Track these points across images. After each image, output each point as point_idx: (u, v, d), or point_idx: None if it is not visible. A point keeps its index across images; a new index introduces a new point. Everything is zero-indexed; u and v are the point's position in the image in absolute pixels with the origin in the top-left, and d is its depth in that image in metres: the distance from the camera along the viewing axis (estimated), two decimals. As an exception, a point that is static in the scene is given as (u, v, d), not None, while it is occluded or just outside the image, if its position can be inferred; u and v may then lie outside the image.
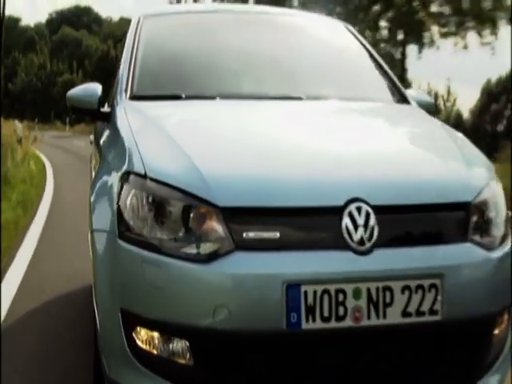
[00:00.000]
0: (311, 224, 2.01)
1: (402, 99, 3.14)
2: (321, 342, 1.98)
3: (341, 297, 1.95)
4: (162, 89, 2.94)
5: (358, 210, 2.01)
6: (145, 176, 2.11)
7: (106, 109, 3.06)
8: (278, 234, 1.98)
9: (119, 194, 2.15)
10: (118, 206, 2.13)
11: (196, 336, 1.98)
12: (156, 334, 2.04)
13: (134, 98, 2.86)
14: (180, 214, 2.02)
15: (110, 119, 2.91)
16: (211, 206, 2.00)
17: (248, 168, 2.13)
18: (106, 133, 2.97)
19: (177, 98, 2.82)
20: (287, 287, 1.93)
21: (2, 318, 3.73)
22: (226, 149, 2.27)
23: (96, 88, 2.96)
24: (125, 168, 2.21)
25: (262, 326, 1.94)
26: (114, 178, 2.29)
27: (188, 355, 2.01)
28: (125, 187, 2.14)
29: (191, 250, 1.99)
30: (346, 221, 2.00)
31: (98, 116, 3.04)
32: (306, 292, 1.94)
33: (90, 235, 2.35)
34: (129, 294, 2.06)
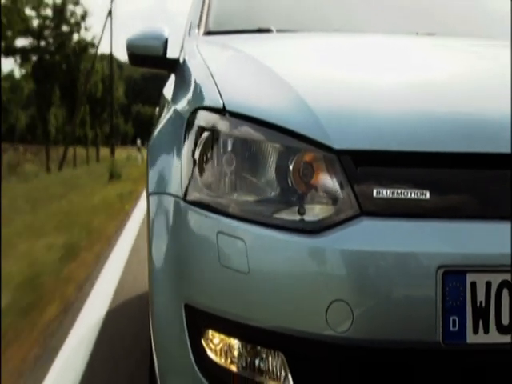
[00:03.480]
0: (477, 180, 1.29)
1: None
2: (496, 367, 1.25)
3: None
4: (245, 22, 2.28)
5: None
6: (222, 111, 1.44)
7: (173, 56, 2.41)
8: (427, 194, 1.27)
9: (186, 140, 1.50)
10: (185, 157, 1.48)
11: (298, 348, 1.30)
12: (236, 343, 1.37)
13: (209, 33, 2.21)
14: (274, 163, 1.35)
15: (177, 67, 2.28)
16: (323, 150, 1.31)
17: (376, 99, 1.43)
18: (173, 84, 2.33)
19: (265, 31, 2.16)
20: (444, 275, 1.22)
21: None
22: (343, 80, 1.56)
23: (161, 30, 2.31)
24: (194, 105, 1.56)
25: (400, 335, 1.23)
26: (178, 122, 1.64)
27: (284, 375, 1.33)
28: (193, 130, 1.49)
29: (291, 215, 1.31)
30: None
31: (163, 64, 2.37)
32: (473, 284, 1.22)
33: (147, 200, 1.69)
34: (197, 282, 1.39)
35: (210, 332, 1.39)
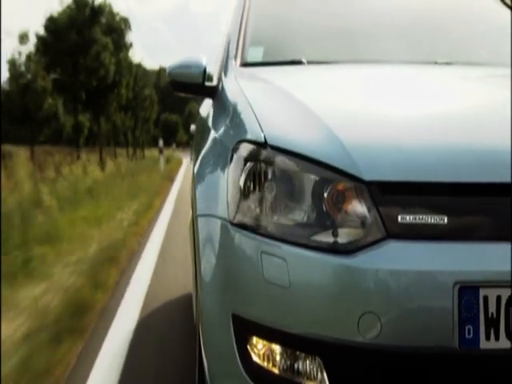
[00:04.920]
0: (489, 206, 1.48)
1: None
2: (506, 369, 1.44)
3: None
4: (279, 54, 2.49)
5: None
6: (264, 144, 1.64)
7: (211, 83, 2.63)
8: (445, 219, 1.46)
9: (231, 169, 1.70)
10: (230, 185, 1.68)
11: (333, 352, 1.49)
12: (278, 348, 1.57)
13: (245, 65, 2.42)
14: (310, 191, 1.55)
15: (216, 94, 2.49)
16: (354, 181, 1.50)
17: (400, 134, 1.62)
18: (212, 110, 2.54)
19: (297, 63, 2.36)
20: (461, 290, 1.41)
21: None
22: (370, 113, 1.75)
23: (200, 60, 2.53)
24: (237, 137, 1.76)
25: (423, 342, 1.42)
26: (223, 152, 1.84)
27: (321, 377, 1.52)
28: (238, 160, 1.68)
29: (326, 237, 1.50)
30: None
31: (202, 91, 2.59)
32: (486, 297, 1.41)
33: (193, 222, 1.90)
34: (243, 295, 1.59)
35: (255, 338, 1.59)
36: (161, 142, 22.17)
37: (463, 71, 2.34)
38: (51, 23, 26.97)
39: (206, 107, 2.84)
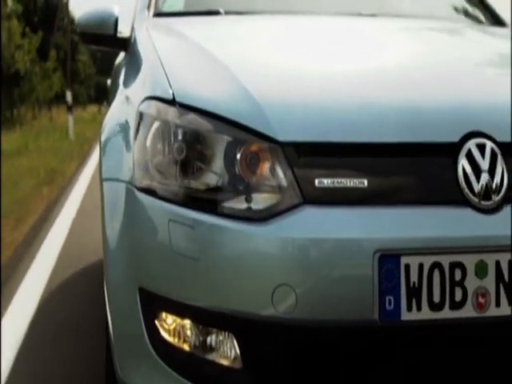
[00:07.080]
0: (413, 168, 1.38)
1: (495, 21, 2.50)
2: (428, 341, 1.36)
3: (458, 274, 1.32)
4: (195, 4, 2.32)
5: (480, 148, 1.38)
6: (172, 101, 1.49)
7: (124, 35, 2.43)
8: (365, 182, 1.35)
9: (137, 129, 1.55)
10: (136, 146, 1.53)
11: (246, 328, 1.38)
12: (188, 323, 1.44)
13: (159, 15, 2.24)
14: (222, 153, 1.41)
15: (128, 47, 2.30)
16: (268, 141, 1.38)
17: (318, 91, 1.50)
18: (124, 64, 2.36)
19: (213, 14, 2.20)
20: (381, 258, 1.31)
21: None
22: (287, 68, 1.63)
23: (111, 9, 2.33)
24: (144, 93, 1.60)
25: (341, 315, 1.32)
26: (130, 110, 1.68)
27: (233, 354, 1.41)
28: (144, 119, 1.53)
29: (239, 204, 1.38)
30: (463, 164, 1.37)
31: (114, 43, 2.39)
32: (407, 266, 1.32)
33: (100, 186, 1.74)
34: (151, 267, 1.45)
35: (164, 314, 1.46)
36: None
37: (388, 23, 2.23)
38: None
39: (121, 59, 2.65)
